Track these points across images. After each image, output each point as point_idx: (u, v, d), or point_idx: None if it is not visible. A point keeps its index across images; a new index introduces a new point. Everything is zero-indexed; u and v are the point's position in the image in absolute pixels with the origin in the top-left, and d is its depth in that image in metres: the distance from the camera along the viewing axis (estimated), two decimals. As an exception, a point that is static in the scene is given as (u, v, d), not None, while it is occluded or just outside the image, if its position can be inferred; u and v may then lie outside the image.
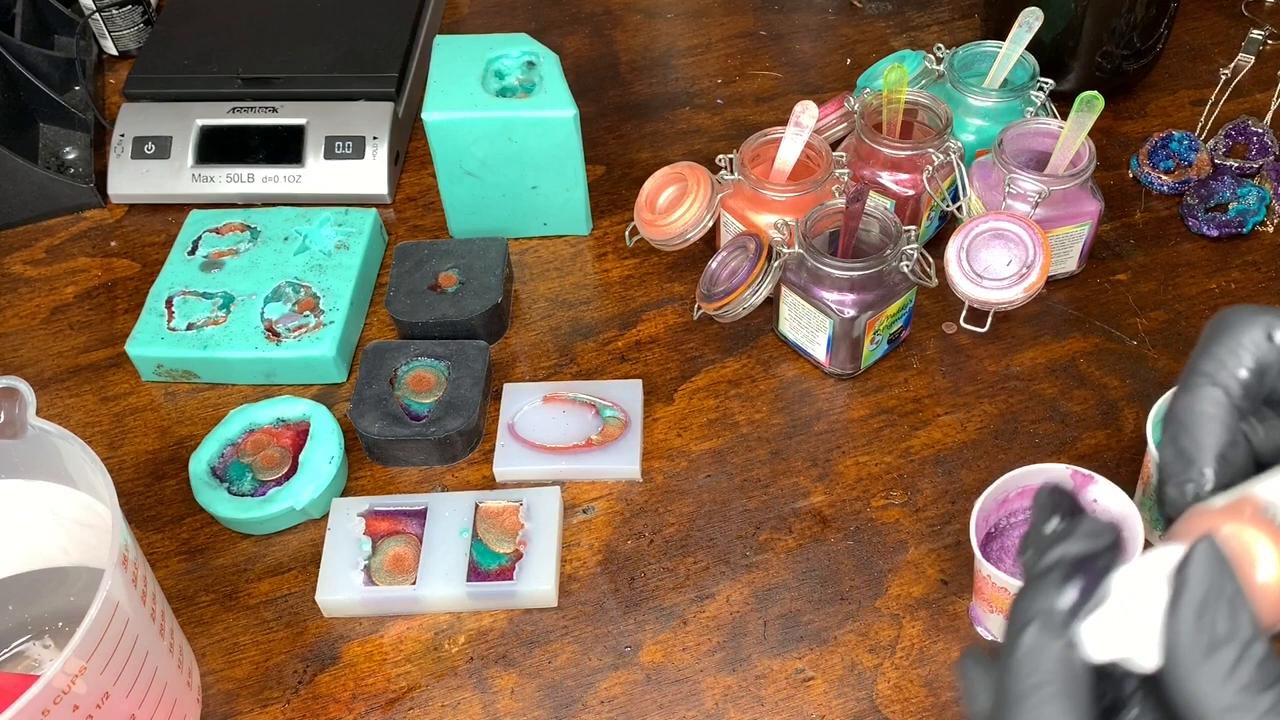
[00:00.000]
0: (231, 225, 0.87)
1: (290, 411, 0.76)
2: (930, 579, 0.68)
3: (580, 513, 0.73)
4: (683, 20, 1.10)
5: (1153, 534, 0.68)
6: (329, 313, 0.81)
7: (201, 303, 0.82)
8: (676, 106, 1.00)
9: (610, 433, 0.75)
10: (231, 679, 0.66)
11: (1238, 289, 0.83)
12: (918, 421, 0.76)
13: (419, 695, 0.65)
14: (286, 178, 0.92)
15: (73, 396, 0.82)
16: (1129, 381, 0.78)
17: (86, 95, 0.99)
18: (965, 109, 0.84)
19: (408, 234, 0.91)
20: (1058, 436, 0.75)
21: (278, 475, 0.73)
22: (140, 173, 0.93)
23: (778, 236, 0.76)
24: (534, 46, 0.85)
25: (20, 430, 0.57)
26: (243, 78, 0.94)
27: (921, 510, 0.72)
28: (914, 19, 1.07)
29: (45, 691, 0.47)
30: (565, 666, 0.66)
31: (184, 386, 0.82)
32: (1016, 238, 0.73)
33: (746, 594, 0.68)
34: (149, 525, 0.74)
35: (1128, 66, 0.93)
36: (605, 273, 0.87)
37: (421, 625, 0.68)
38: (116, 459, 0.78)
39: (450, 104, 0.81)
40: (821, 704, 0.64)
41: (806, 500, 0.73)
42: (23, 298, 0.89)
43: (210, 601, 0.70)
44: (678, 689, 0.65)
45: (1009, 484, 0.64)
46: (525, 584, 0.67)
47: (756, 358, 0.80)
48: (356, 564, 0.69)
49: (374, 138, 0.92)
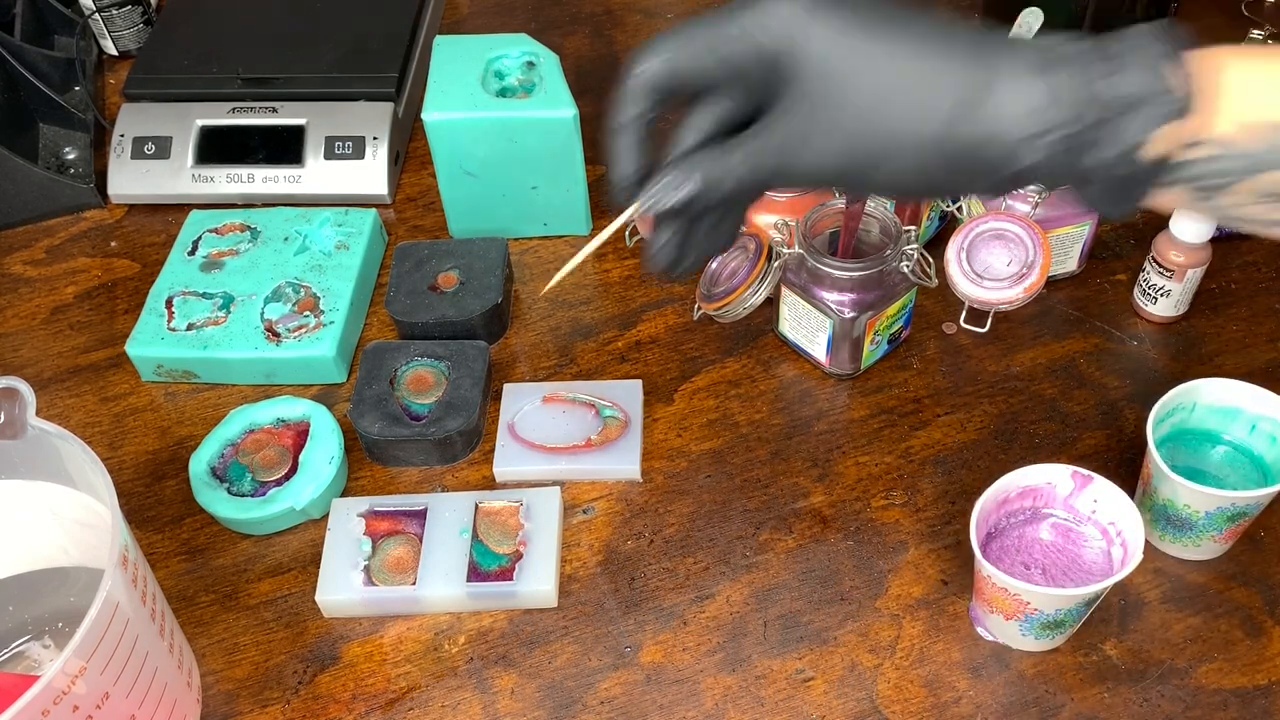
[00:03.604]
0: (231, 225, 0.87)
1: (290, 412, 0.76)
2: (930, 579, 0.68)
3: (580, 513, 0.73)
4: (683, 20, 1.09)
5: (1153, 534, 0.68)
6: (329, 313, 0.81)
7: (201, 303, 0.82)
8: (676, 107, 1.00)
9: (610, 433, 0.75)
10: (231, 679, 0.66)
11: (1238, 289, 0.83)
12: (918, 421, 0.76)
13: (419, 695, 0.65)
14: (286, 178, 0.92)
15: (73, 397, 0.82)
16: (1129, 381, 0.78)
17: (86, 95, 0.99)
18: (965, 109, 0.84)
19: (408, 234, 0.91)
20: (1058, 436, 0.75)
21: (278, 475, 0.73)
22: (140, 173, 0.93)
23: (778, 236, 0.76)
24: (534, 46, 0.85)
25: (20, 430, 0.57)
26: (243, 78, 0.94)
27: (921, 510, 0.72)
28: (914, 19, 1.07)
29: (45, 692, 0.47)
30: (565, 667, 0.66)
31: (184, 387, 0.82)
32: (1016, 238, 0.73)
33: (746, 594, 0.68)
34: (149, 525, 0.74)
35: (1128, 66, 0.93)
36: (605, 273, 0.87)
37: (421, 625, 0.68)
38: (116, 459, 0.78)
39: (450, 104, 0.81)
40: (821, 704, 0.64)
41: (806, 500, 0.73)
42: (23, 298, 0.89)
43: (210, 602, 0.70)
44: (678, 689, 0.65)
45: (1009, 484, 0.64)
46: (525, 584, 0.67)
47: (756, 358, 0.80)
48: (356, 564, 0.69)
49: (374, 138, 0.92)
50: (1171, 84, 0.40)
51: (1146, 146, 0.41)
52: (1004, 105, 0.41)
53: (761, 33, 0.43)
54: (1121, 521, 0.63)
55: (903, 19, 0.42)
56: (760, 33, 0.43)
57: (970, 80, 0.41)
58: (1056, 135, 0.41)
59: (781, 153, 0.44)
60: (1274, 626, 0.65)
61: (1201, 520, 0.64)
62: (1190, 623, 0.66)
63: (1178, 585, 0.68)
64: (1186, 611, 0.66)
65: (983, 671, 0.64)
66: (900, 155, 0.42)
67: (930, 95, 0.41)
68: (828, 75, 0.42)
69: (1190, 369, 0.78)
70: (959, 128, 0.41)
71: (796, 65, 0.42)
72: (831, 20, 0.42)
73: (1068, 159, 0.41)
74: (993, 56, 0.41)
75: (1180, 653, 0.65)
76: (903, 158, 0.42)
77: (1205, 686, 0.63)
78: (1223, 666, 0.64)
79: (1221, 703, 0.63)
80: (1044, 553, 0.65)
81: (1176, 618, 0.66)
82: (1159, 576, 0.68)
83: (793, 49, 0.42)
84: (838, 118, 0.42)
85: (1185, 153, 0.41)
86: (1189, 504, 0.64)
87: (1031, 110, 0.40)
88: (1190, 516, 0.65)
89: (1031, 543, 0.65)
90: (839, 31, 0.42)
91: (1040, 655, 0.65)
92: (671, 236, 0.48)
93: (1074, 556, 0.65)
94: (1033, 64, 0.41)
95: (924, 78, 0.41)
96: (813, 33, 0.42)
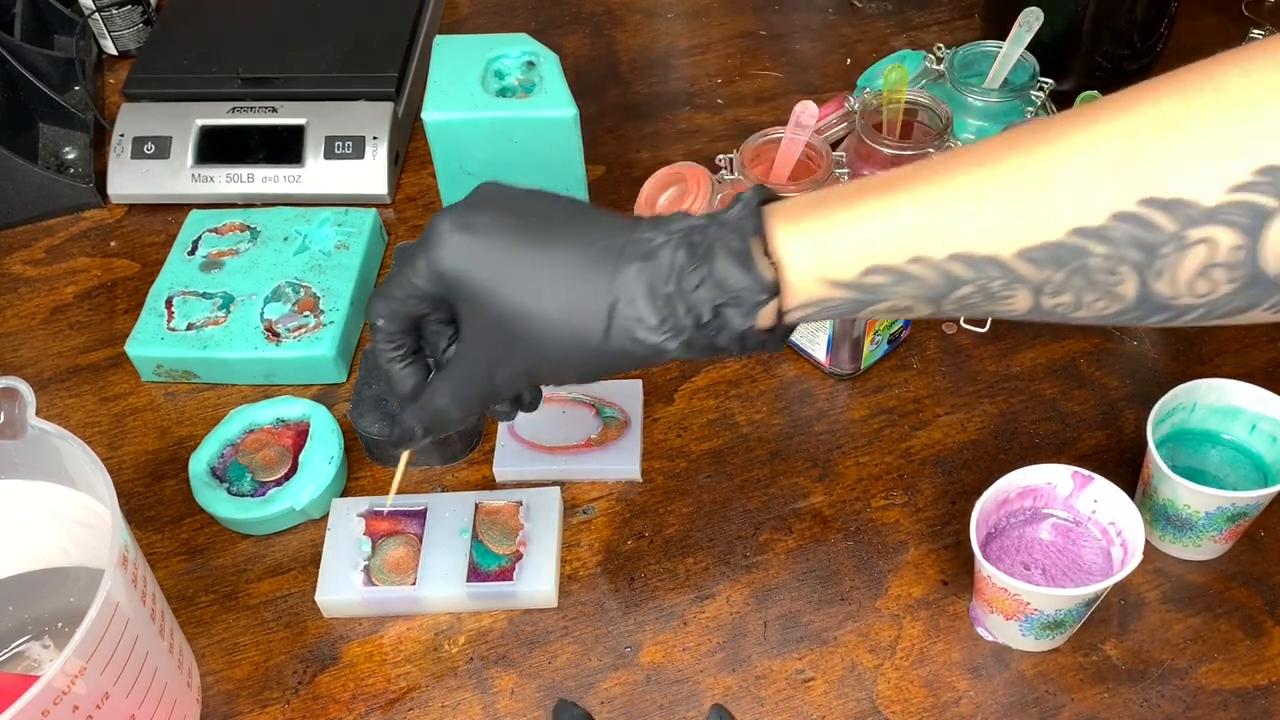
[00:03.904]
0: (231, 225, 0.87)
1: (290, 412, 0.76)
2: (930, 579, 0.68)
3: (580, 513, 0.73)
4: (683, 20, 1.10)
5: (1153, 534, 0.68)
6: (329, 313, 0.81)
7: (201, 303, 0.82)
8: (676, 106, 1.00)
9: (610, 433, 0.75)
10: (231, 679, 0.66)
11: (1238, 289, 0.83)
12: (918, 422, 0.76)
13: (419, 696, 0.65)
14: (286, 178, 0.92)
15: (73, 397, 0.82)
16: (1129, 381, 0.78)
17: (86, 95, 0.99)
18: (965, 109, 0.84)
19: (408, 234, 0.91)
20: (1058, 436, 0.75)
21: (277, 475, 0.73)
22: (140, 173, 0.93)
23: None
24: (534, 46, 0.85)
25: (20, 430, 0.57)
26: (242, 78, 0.94)
27: (922, 510, 0.72)
28: (914, 19, 1.07)
29: (45, 692, 0.47)
30: (565, 667, 0.66)
31: (184, 387, 0.82)
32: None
33: (746, 594, 0.68)
34: (149, 525, 0.74)
35: (1128, 66, 0.93)
36: (605, 273, 0.87)
37: (421, 626, 0.68)
38: (116, 459, 0.78)
39: (450, 104, 0.81)
40: (821, 704, 0.64)
41: (806, 500, 0.73)
42: (22, 298, 0.89)
43: (210, 602, 0.70)
44: (678, 689, 0.65)
45: (1009, 484, 0.64)
46: (525, 584, 0.67)
47: (756, 358, 0.80)
48: (356, 564, 0.69)
49: (374, 138, 0.92)
50: (757, 274, 0.46)
51: (755, 325, 0.47)
52: (630, 326, 0.47)
53: (440, 262, 0.49)
54: (1121, 521, 0.63)
55: (549, 243, 0.48)
56: (439, 262, 0.49)
57: (604, 308, 0.47)
58: (678, 340, 0.47)
59: (477, 383, 0.51)
60: (1274, 626, 0.65)
61: (1201, 520, 0.64)
62: (1190, 623, 0.66)
63: (1178, 585, 0.68)
64: (1186, 612, 0.66)
65: (983, 672, 0.64)
66: (572, 367, 0.49)
67: (578, 321, 0.47)
68: (492, 300, 0.48)
69: (1190, 369, 0.78)
70: (607, 343, 0.48)
71: (469, 290, 0.49)
72: (490, 249, 0.48)
73: (705, 345, 0.48)
74: (617, 276, 0.47)
75: (1180, 653, 0.65)
76: (575, 368, 0.50)
77: (1205, 687, 0.63)
78: (1223, 667, 0.64)
79: (1221, 703, 0.63)
80: (1044, 553, 0.65)
81: (1176, 618, 0.66)
82: (1159, 576, 0.68)
83: (464, 277, 0.49)
84: (510, 347, 0.49)
85: (793, 314, 0.47)
86: (1189, 504, 0.64)
87: (650, 328, 0.47)
88: (1190, 517, 0.65)
89: (1031, 543, 0.65)
90: (497, 262, 0.48)
91: (1040, 655, 0.65)
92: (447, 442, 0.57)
93: (1074, 557, 0.65)
94: (643, 286, 0.47)
95: (572, 304, 0.47)
96: (474, 262, 0.49)
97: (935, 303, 0.45)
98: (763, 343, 0.48)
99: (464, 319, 0.51)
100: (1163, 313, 0.42)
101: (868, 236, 0.44)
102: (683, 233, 0.47)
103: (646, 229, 0.48)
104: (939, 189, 0.43)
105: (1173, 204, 0.39)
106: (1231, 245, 0.39)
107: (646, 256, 0.47)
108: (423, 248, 0.49)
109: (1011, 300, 0.44)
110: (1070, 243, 0.41)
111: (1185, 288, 0.41)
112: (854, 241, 0.45)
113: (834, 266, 0.45)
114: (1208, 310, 0.41)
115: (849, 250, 0.45)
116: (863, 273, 0.45)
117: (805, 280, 0.46)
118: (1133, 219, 0.40)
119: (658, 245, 0.47)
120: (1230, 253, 0.39)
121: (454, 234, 0.49)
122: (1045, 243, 0.41)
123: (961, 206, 0.43)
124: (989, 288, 0.43)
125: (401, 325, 0.52)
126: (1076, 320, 0.44)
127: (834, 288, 0.46)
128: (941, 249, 0.43)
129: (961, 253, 0.43)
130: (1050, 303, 0.43)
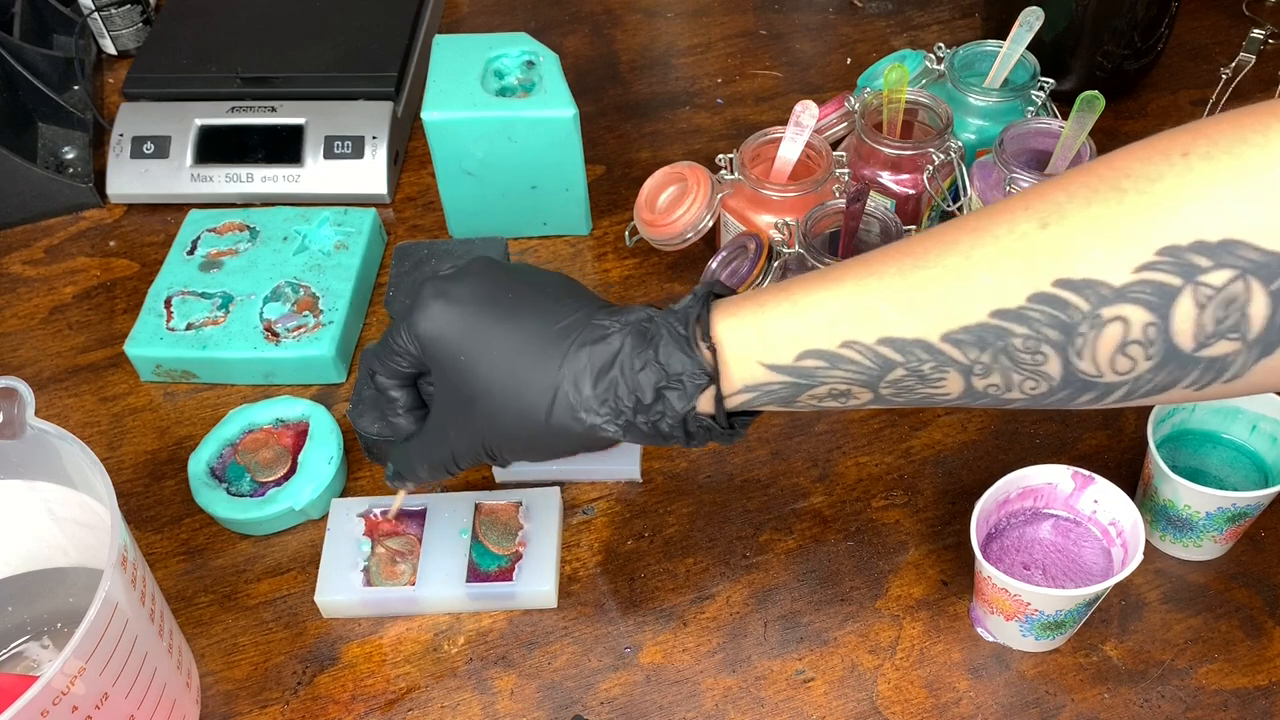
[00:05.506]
0: (230, 225, 0.87)
1: (289, 412, 0.76)
2: (931, 580, 0.68)
3: (580, 513, 0.73)
4: (683, 20, 1.10)
5: (1153, 534, 0.68)
6: (328, 313, 0.81)
7: (200, 303, 0.82)
8: (676, 106, 1.00)
9: (610, 433, 0.75)
10: (231, 679, 0.66)
11: (1238, 289, 0.82)
12: (918, 422, 0.76)
13: (418, 696, 0.65)
14: (286, 177, 0.92)
15: (72, 396, 0.82)
16: (1129, 382, 0.77)
17: (85, 95, 0.99)
18: (966, 109, 0.84)
19: (407, 234, 0.91)
20: (1058, 436, 0.75)
21: (277, 476, 0.73)
22: (139, 172, 0.93)
23: (778, 236, 0.76)
24: (534, 46, 0.85)
25: (19, 430, 0.57)
26: (242, 77, 0.94)
27: (922, 511, 0.72)
28: (914, 18, 1.07)
29: (44, 692, 0.47)
30: (565, 667, 0.66)
31: (183, 386, 0.82)
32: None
33: (746, 595, 0.68)
34: (148, 525, 0.74)
35: (1128, 66, 0.93)
36: (605, 273, 0.87)
37: (421, 626, 0.68)
38: (115, 459, 0.78)
39: (450, 104, 0.81)
40: (822, 705, 0.64)
41: (806, 501, 0.73)
42: (22, 298, 0.89)
43: (209, 602, 0.70)
44: (678, 690, 0.65)
45: (1009, 484, 0.64)
46: (525, 585, 0.67)
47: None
48: (356, 565, 0.69)
49: (373, 137, 0.92)
50: (699, 359, 0.49)
51: (695, 408, 0.50)
52: (571, 405, 0.50)
53: (415, 326, 0.53)
54: (1122, 522, 0.63)
55: (514, 319, 0.52)
56: (415, 326, 0.53)
57: (549, 385, 0.50)
58: (617, 423, 0.50)
59: (441, 446, 0.56)
60: (1274, 627, 0.65)
61: (1202, 521, 0.64)
62: (1191, 623, 0.66)
63: (1178, 586, 0.67)
64: (1187, 612, 0.66)
65: (983, 672, 0.64)
66: (520, 441, 0.53)
67: (526, 396, 0.51)
68: (454, 368, 0.52)
69: (1190, 369, 0.77)
70: (550, 420, 0.51)
71: (439, 356, 0.53)
72: (462, 318, 0.52)
73: (649, 429, 0.50)
74: (567, 357, 0.50)
75: (1181, 653, 0.65)
76: (523, 443, 0.53)
77: (1205, 687, 0.63)
78: (1223, 667, 0.64)
79: (1222, 703, 0.63)
80: (1044, 553, 0.65)
81: (1177, 618, 0.66)
82: (1159, 577, 0.68)
83: (435, 342, 0.53)
84: (468, 417, 0.53)
85: (733, 399, 0.50)
86: (1189, 504, 0.64)
87: (590, 410, 0.50)
88: (1191, 517, 0.65)
89: (1032, 543, 0.65)
90: (464, 331, 0.52)
91: (1040, 656, 0.65)
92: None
93: (1074, 557, 0.64)
94: (589, 368, 0.50)
95: (521, 379, 0.51)
96: (446, 330, 0.52)
97: (872, 387, 0.47)
98: (708, 430, 0.51)
99: (436, 384, 0.55)
100: (1089, 391, 0.44)
101: (801, 322, 0.47)
102: (635, 322, 0.51)
103: (604, 315, 0.51)
104: (869, 278, 0.46)
105: (1084, 284, 0.41)
106: (1143, 322, 0.40)
107: (597, 340, 0.50)
108: (408, 310, 0.53)
109: (944, 382, 0.46)
110: (992, 324, 0.43)
111: (1107, 365, 0.42)
112: (788, 326, 0.47)
113: (769, 351, 0.48)
114: (1132, 388, 0.43)
115: (783, 335, 0.47)
116: (797, 357, 0.47)
117: (743, 365, 0.48)
118: (1049, 299, 0.42)
119: (610, 332, 0.50)
120: (1143, 330, 0.41)
121: (432, 300, 0.52)
122: (967, 325, 0.44)
123: (889, 294, 0.45)
124: (920, 370, 0.46)
125: (398, 381, 0.57)
126: (1011, 403, 0.46)
127: (770, 371, 0.48)
128: (871, 334, 0.45)
129: (890, 336, 0.45)
130: (982, 384, 0.45)
